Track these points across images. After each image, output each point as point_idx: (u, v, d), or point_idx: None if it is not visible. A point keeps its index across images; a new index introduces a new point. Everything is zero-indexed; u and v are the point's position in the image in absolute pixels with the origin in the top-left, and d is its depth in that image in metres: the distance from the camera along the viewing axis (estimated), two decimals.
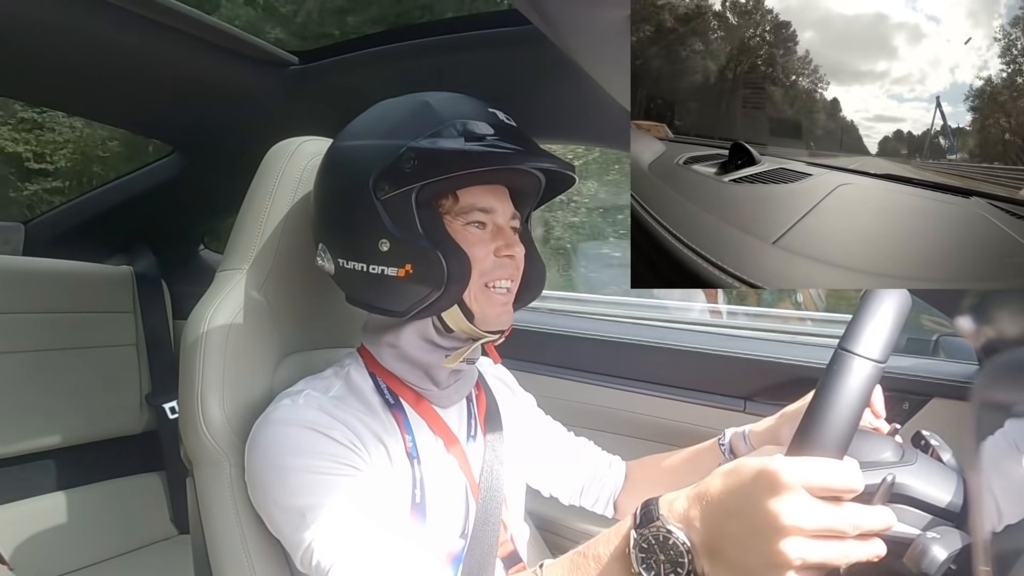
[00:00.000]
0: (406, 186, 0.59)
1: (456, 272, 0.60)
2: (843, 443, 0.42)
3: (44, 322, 1.39)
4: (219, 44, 1.09)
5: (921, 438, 0.56)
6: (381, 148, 0.61)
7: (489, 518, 0.68)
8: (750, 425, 0.76)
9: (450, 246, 0.60)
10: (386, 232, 0.60)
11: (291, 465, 0.58)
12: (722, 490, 0.43)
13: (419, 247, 0.59)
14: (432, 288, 0.60)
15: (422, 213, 0.60)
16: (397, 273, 0.60)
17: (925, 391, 0.98)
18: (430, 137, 0.59)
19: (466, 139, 0.59)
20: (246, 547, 0.65)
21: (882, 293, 0.45)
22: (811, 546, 0.39)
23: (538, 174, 0.67)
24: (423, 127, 0.60)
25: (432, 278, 0.59)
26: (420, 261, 0.59)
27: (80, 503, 1.40)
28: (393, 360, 0.67)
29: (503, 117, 0.64)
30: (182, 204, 1.61)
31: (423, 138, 0.59)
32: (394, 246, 0.60)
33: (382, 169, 0.59)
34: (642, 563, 0.43)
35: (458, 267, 0.60)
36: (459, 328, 0.64)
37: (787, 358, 1.10)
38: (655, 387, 1.20)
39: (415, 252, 0.59)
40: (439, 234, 0.61)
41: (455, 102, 0.64)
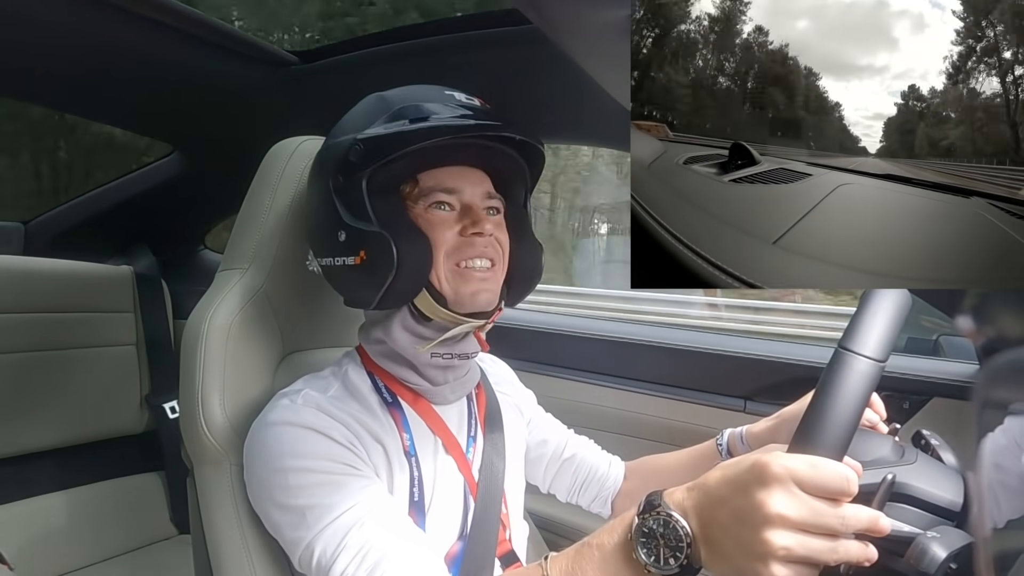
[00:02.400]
0: (355, 175, 0.60)
1: (408, 253, 0.59)
2: (843, 442, 0.42)
3: (44, 322, 1.39)
4: (219, 44, 1.09)
5: (921, 437, 0.56)
6: (337, 145, 0.63)
7: (488, 517, 0.68)
8: (747, 427, 0.76)
9: (403, 230, 0.60)
10: (342, 223, 0.61)
11: (290, 466, 0.58)
12: (718, 480, 0.43)
13: (370, 233, 0.60)
14: (385, 271, 0.59)
15: (380, 200, 0.61)
16: (354, 261, 0.61)
17: (925, 391, 0.98)
18: (376, 125, 0.61)
19: (411, 120, 0.60)
20: (246, 546, 0.65)
21: (882, 292, 0.45)
22: (797, 539, 0.39)
23: (514, 154, 0.67)
24: (372, 117, 0.62)
25: (384, 261, 0.59)
26: (372, 247, 0.59)
27: (80, 503, 1.40)
28: (382, 356, 0.67)
29: (462, 97, 0.64)
30: (182, 204, 1.61)
31: (370, 127, 0.61)
32: (349, 235, 0.61)
33: (336, 164, 0.61)
34: (643, 547, 0.44)
35: (411, 249, 0.60)
36: (434, 314, 0.63)
37: (787, 357, 1.10)
38: (655, 387, 1.20)
39: (367, 239, 0.60)
40: (394, 219, 0.61)
41: (408, 91, 0.65)
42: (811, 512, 0.39)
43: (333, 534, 0.56)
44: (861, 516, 0.41)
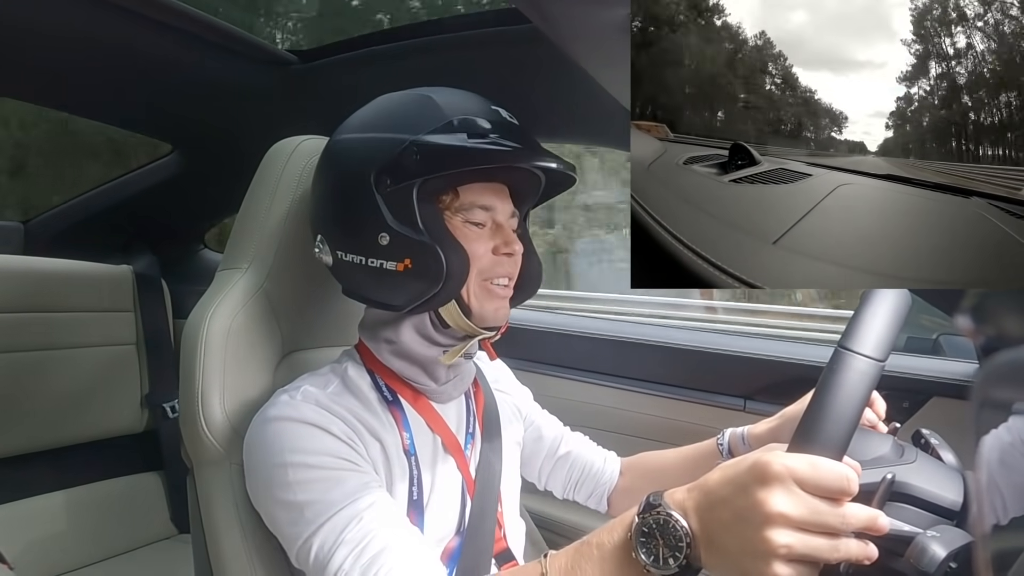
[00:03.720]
0: (408, 180, 0.59)
1: (455, 268, 0.60)
2: (843, 442, 0.42)
3: (44, 322, 1.39)
4: (219, 43, 1.09)
5: (921, 437, 0.56)
6: (383, 142, 0.61)
7: (485, 515, 0.68)
8: (749, 427, 0.76)
9: (450, 242, 0.61)
10: (386, 226, 0.60)
11: (289, 462, 0.58)
12: (719, 480, 0.43)
13: (419, 242, 0.59)
14: (430, 283, 0.60)
15: (422, 208, 0.60)
16: (396, 267, 0.60)
17: (925, 390, 0.98)
18: (433, 132, 0.59)
19: (469, 135, 0.59)
20: (247, 545, 0.65)
21: (882, 292, 0.45)
22: (798, 537, 0.39)
23: (539, 173, 0.67)
24: (426, 122, 0.60)
25: (431, 273, 0.59)
26: (419, 256, 0.60)
27: (80, 503, 1.40)
28: (391, 356, 0.67)
29: (506, 115, 0.64)
30: (182, 204, 1.61)
31: (426, 133, 0.59)
32: (394, 240, 0.60)
33: (384, 163, 0.60)
34: (642, 547, 0.44)
35: (457, 263, 0.61)
36: (456, 324, 0.64)
37: (787, 357, 1.10)
38: (655, 386, 1.20)
39: (414, 247, 0.60)
40: (439, 230, 0.61)
41: (458, 98, 0.64)
42: (812, 511, 0.39)
43: (331, 529, 0.56)
44: (860, 515, 0.41)
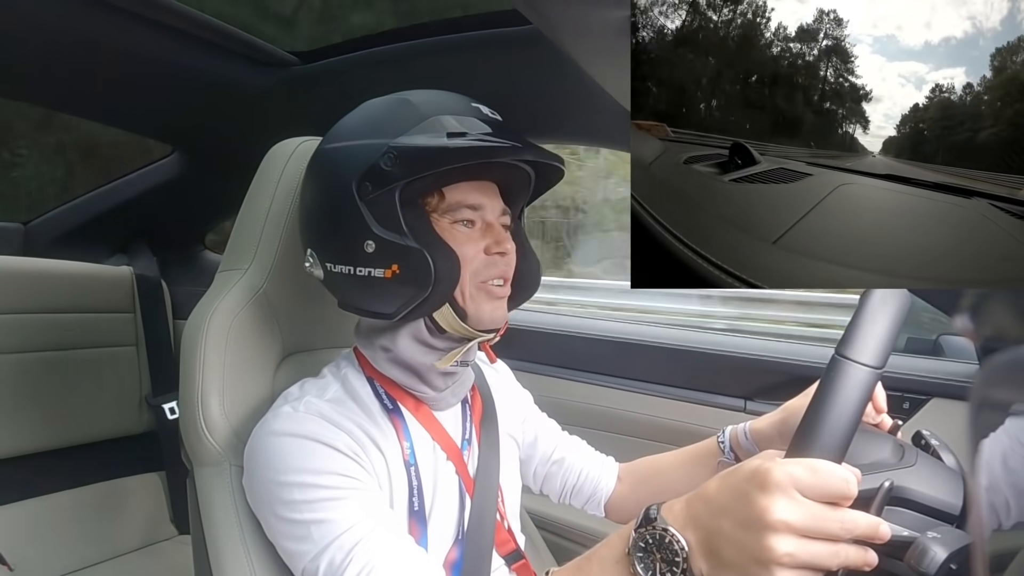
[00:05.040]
0: (388, 185, 0.58)
1: (444, 271, 0.59)
2: (840, 451, 0.42)
3: (44, 322, 1.39)
4: (219, 44, 1.10)
5: (921, 438, 0.56)
6: (362, 148, 0.60)
7: (484, 518, 0.68)
8: (750, 422, 0.75)
9: (437, 245, 0.60)
10: (371, 233, 0.59)
11: (295, 481, 0.57)
12: (718, 490, 0.43)
13: (405, 247, 0.58)
14: (419, 288, 0.59)
15: (407, 212, 0.59)
16: (384, 274, 0.59)
17: (925, 391, 0.98)
18: (411, 134, 0.59)
19: (448, 134, 0.58)
20: (246, 547, 0.65)
21: (880, 296, 0.45)
22: (800, 544, 0.39)
23: (526, 168, 0.66)
24: (403, 124, 0.59)
25: (419, 278, 0.58)
26: (406, 261, 0.58)
27: (80, 503, 1.40)
28: (387, 364, 0.66)
29: (487, 111, 0.63)
30: (182, 204, 1.61)
31: (404, 135, 0.59)
32: (380, 247, 0.59)
33: (364, 169, 0.59)
34: (640, 562, 0.44)
35: (446, 266, 0.59)
36: (452, 328, 0.63)
37: (787, 357, 1.10)
38: (655, 387, 1.20)
39: (401, 252, 0.58)
40: (426, 233, 0.60)
41: (436, 98, 0.63)
42: (813, 517, 0.39)
43: (339, 548, 0.55)
44: (860, 521, 0.41)
